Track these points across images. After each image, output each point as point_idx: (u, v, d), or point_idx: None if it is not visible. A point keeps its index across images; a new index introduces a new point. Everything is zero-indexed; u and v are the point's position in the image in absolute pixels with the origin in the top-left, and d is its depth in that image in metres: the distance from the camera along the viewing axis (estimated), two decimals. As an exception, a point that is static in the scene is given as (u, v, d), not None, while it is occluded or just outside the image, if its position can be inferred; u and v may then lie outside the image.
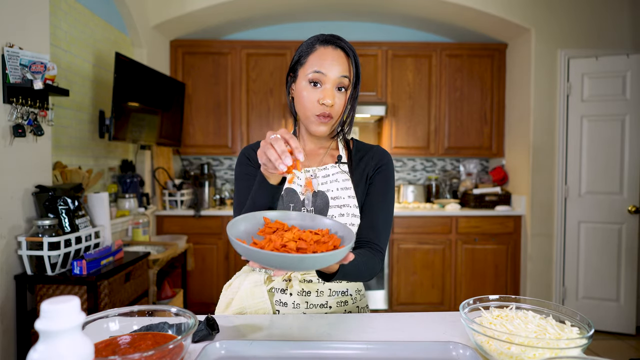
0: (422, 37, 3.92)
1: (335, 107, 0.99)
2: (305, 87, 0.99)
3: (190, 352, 0.73)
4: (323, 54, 0.99)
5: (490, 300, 0.82)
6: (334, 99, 0.98)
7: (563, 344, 0.64)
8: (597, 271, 3.14)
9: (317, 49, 1.01)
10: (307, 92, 0.99)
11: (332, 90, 0.98)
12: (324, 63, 0.97)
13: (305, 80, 0.99)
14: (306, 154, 1.08)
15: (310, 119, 1.00)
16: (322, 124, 0.99)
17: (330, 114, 0.98)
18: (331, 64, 0.97)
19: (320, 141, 1.10)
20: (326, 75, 0.97)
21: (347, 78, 0.99)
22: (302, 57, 1.02)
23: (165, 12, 3.21)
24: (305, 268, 0.69)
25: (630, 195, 3.04)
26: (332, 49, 0.99)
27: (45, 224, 1.74)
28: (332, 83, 0.98)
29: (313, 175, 1.04)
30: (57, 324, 0.42)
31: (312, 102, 0.98)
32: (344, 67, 0.99)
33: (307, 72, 0.99)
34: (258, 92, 3.58)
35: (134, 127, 2.72)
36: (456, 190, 3.90)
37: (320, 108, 0.98)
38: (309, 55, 1.01)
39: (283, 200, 1.01)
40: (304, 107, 1.00)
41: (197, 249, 3.26)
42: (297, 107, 1.04)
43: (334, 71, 0.97)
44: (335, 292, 1.02)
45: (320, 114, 0.98)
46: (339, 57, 0.99)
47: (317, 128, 1.00)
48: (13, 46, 1.72)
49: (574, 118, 3.20)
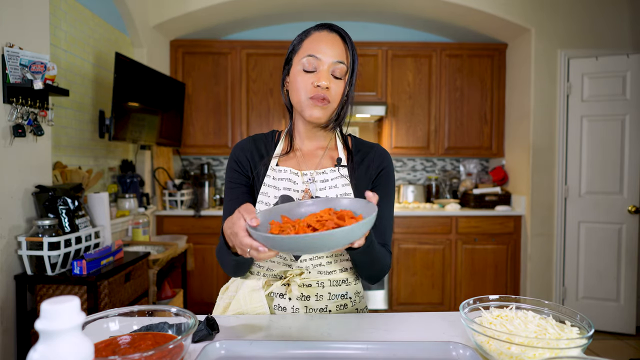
0: (422, 37, 3.92)
1: (332, 92, 0.95)
2: (300, 72, 0.95)
3: (190, 352, 0.73)
4: (317, 37, 0.96)
5: (490, 300, 0.82)
6: (330, 82, 0.94)
7: (563, 344, 0.64)
8: (597, 271, 3.14)
9: (312, 34, 0.97)
10: (301, 77, 0.95)
11: (327, 73, 0.94)
12: (318, 47, 0.94)
13: (299, 65, 0.95)
14: (304, 155, 1.05)
15: (304, 103, 0.95)
16: (317, 108, 0.94)
17: (325, 96, 0.93)
18: (326, 48, 0.93)
19: (317, 137, 1.05)
20: (321, 60, 0.93)
21: (344, 64, 0.95)
22: (297, 44, 0.99)
23: (165, 12, 3.21)
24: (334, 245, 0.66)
25: (630, 195, 3.04)
26: (327, 33, 0.96)
27: (45, 224, 1.74)
28: (328, 66, 0.94)
29: (311, 179, 1.00)
30: (57, 324, 0.42)
31: (306, 85, 0.94)
32: (339, 51, 0.95)
33: (301, 57, 0.96)
34: (258, 92, 3.58)
35: (134, 127, 2.72)
36: (456, 190, 3.90)
37: (315, 90, 0.93)
38: (303, 42, 0.97)
39: None
40: (298, 92, 0.96)
41: (197, 249, 3.26)
42: (292, 96, 0.99)
43: (328, 55, 0.93)
44: (334, 296, 1.00)
45: (315, 96, 0.93)
46: (335, 41, 0.95)
47: (312, 112, 0.95)
48: (13, 46, 1.72)
49: (574, 118, 3.20)
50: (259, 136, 1.08)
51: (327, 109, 0.95)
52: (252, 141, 1.07)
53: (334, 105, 0.96)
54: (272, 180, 1.00)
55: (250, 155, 1.04)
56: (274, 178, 1.00)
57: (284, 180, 0.99)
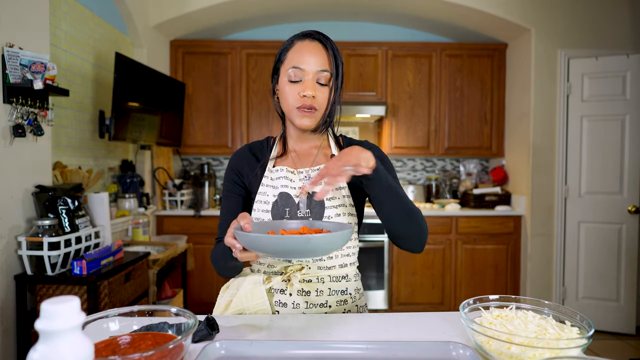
0: (422, 37, 3.92)
1: (318, 100, 0.99)
2: (286, 82, 1.00)
3: (190, 352, 0.73)
4: (300, 48, 0.99)
5: (490, 300, 0.82)
6: (315, 91, 0.98)
7: (563, 344, 0.64)
8: (597, 271, 3.14)
9: (295, 44, 1.01)
10: (288, 87, 1.00)
11: (313, 82, 0.98)
12: (301, 58, 0.98)
13: (286, 76, 1.00)
14: (298, 155, 1.09)
15: (293, 113, 1.00)
16: (305, 117, 0.99)
17: (312, 105, 0.98)
18: (309, 57, 0.98)
19: (309, 139, 1.09)
20: (304, 70, 0.98)
21: (327, 72, 0.99)
22: (282, 55, 1.03)
23: (165, 12, 3.21)
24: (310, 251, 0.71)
25: (630, 195, 3.04)
26: (309, 42, 1.00)
27: (45, 224, 1.74)
28: (312, 75, 0.98)
29: (307, 176, 1.04)
30: (57, 324, 0.42)
31: (294, 95, 0.99)
32: (322, 60, 0.98)
33: (286, 68, 1.00)
34: (258, 92, 3.58)
35: (134, 127, 2.72)
36: (456, 190, 3.90)
37: (301, 100, 0.98)
38: (288, 52, 1.01)
39: (278, 205, 1.01)
40: (287, 103, 1.01)
41: (197, 249, 3.26)
42: (282, 104, 1.04)
43: (311, 65, 0.98)
44: (335, 292, 1.01)
45: (302, 106, 0.98)
46: (317, 50, 0.99)
47: (301, 121, 1.00)
48: (13, 46, 1.72)
49: (574, 118, 3.20)
50: (254, 144, 1.14)
51: (315, 116, 1.00)
52: (249, 149, 1.12)
53: (321, 111, 1.01)
54: (270, 180, 1.04)
55: (248, 163, 1.09)
56: (271, 179, 1.04)
57: (281, 179, 1.03)
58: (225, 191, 1.10)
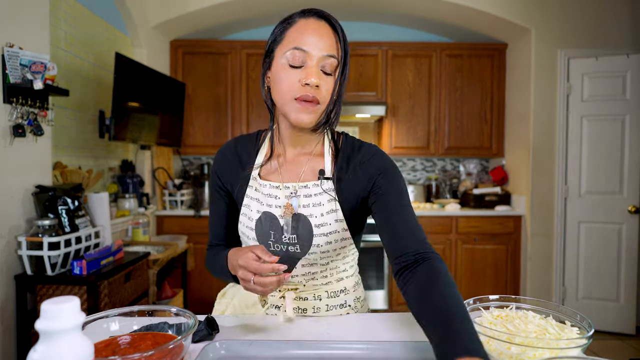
0: (422, 37, 3.92)
1: (322, 91, 0.80)
2: (284, 67, 0.81)
3: (190, 352, 0.73)
4: (304, 26, 0.81)
5: (490, 300, 0.82)
6: (320, 79, 0.80)
7: (563, 344, 0.64)
8: (597, 271, 3.14)
9: (297, 21, 0.82)
10: (285, 73, 0.80)
11: (317, 68, 0.80)
12: (305, 38, 0.79)
13: (284, 59, 0.81)
14: (286, 162, 0.92)
15: (289, 105, 0.81)
16: (304, 112, 0.80)
17: (315, 97, 0.80)
18: (314, 39, 0.79)
19: (303, 141, 0.91)
20: (309, 53, 0.79)
21: (334, 58, 0.81)
22: (279, 34, 0.84)
23: (165, 12, 3.21)
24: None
25: (630, 195, 3.04)
26: (315, 20, 0.81)
27: (45, 224, 1.74)
28: (317, 61, 0.80)
29: (294, 192, 0.88)
30: (57, 324, 0.42)
31: (292, 82, 0.80)
32: (330, 44, 0.80)
33: (285, 50, 0.81)
34: (258, 92, 3.58)
35: (134, 127, 2.72)
36: (456, 190, 3.90)
37: (302, 90, 0.79)
38: (288, 30, 0.82)
39: (262, 226, 0.89)
40: (282, 92, 0.81)
41: (197, 249, 3.26)
42: (275, 94, 0.85)
43: (317, 47, 0.79)
44: (333, 307, 0.96)
45: (302, 97, 0.79)
46: (324, 31, 0.81)
47: (298, 116, 0.81)
48: (13, 46, 1.72)
49: (574, 118, 3.20)
50: (242, 139, 0.98)
51: (316, 111, 0.82)
52: (234, 147, 0.97)
53: (323, 106, 0.82)
54: (254, 192, 0.92)
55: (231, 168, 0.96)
56: (256, 189, 0.92)
57: (265, 196, 0.90)
58: (211, 195, 1.01)
